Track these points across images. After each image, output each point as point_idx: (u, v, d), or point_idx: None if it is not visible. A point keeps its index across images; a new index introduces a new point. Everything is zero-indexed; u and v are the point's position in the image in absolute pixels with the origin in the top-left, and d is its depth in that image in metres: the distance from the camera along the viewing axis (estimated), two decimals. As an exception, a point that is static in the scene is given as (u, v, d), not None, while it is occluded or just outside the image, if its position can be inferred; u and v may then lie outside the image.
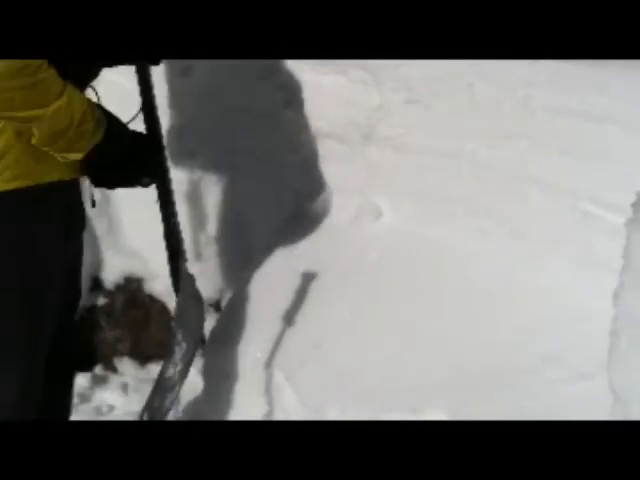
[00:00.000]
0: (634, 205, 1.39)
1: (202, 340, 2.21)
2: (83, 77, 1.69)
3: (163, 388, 2.01)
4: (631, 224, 1.39)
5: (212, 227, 2.65)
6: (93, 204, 1.91)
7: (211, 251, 2.69)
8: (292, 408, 1.99)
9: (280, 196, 2.64)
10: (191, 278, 2.09)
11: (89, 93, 1.74)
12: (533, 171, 1.98)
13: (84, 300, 2.97)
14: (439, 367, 1.83)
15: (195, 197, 2.67)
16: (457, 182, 2.12)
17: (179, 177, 2.63)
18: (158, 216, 2.70)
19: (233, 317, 2.37)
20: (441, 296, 2.00)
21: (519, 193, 2.00)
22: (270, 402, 2.07)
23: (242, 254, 2.68)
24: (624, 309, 1.36)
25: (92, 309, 2.95)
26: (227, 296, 2.57)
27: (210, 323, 2.68)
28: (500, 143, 2.04)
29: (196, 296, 2.10)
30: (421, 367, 1.85)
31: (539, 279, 1.87)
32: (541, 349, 1.77)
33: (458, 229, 2.08)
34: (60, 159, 1.61)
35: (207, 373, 2.30)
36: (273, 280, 2.35)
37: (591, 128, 1.89)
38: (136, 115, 1.89)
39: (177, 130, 2.66)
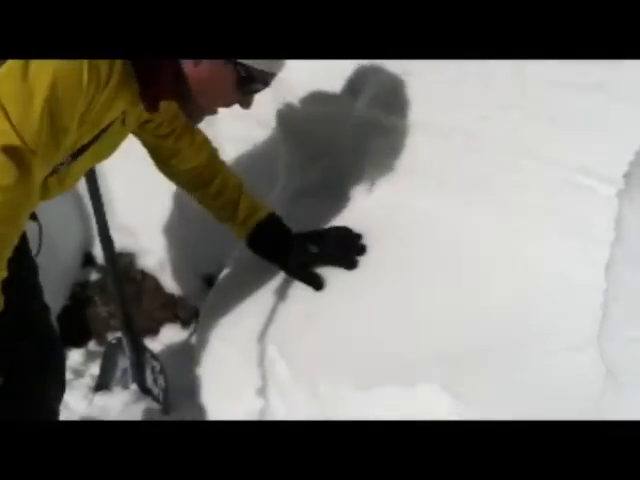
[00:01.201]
0: (625, 176, 1.38)
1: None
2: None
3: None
4: (623, 195, 1.37)
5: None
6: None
7: (204, 225, 2.68)
8: (285, 382, 1.99)
9: (272, 169, 2.63)
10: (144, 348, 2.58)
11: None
12: (525, 142, 1.97)
13: (77, 276, 2.97)
14: (430, 340, 1.83)
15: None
16: (448, 154, 2.11)
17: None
18: (150, 191, 2.70)
19: (226, 291, 2.37)
20: (432, 269, 1.99)
21: (511, 164, 1.99)
22: (263, 376, 2.08)
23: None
24: (615, 281, 1.36)
25: (85, 285, 2.96)
26: (220, 270, 2.57)
27: (203, 297, 2.69)
28: (492, 114, 2.03)
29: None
30: (413, 340, 1.85)
31: (530, 251, 1.87)
32: (532, 321, 1.77)
33: (449, 201, 2.08)
34: None
35: (200, 347, 2.30)
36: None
37: (584, 99, 1.88)
38: None
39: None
